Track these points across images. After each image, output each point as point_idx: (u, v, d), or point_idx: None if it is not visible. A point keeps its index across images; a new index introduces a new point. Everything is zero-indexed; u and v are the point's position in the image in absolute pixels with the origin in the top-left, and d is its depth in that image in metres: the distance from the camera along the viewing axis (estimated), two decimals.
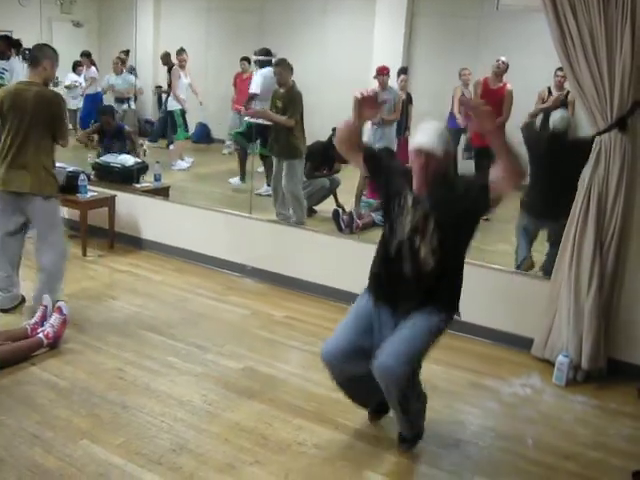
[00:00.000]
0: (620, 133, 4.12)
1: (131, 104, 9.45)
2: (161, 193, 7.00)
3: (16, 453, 3.22)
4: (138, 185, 6.98)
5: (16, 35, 8.91)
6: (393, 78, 7.86)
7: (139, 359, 4.29)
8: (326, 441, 3.51)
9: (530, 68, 6.96)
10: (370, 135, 7.96)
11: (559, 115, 5.25)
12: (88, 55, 10.01)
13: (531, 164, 5.28)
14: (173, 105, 9.57)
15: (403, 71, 8.05)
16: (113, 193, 6.57)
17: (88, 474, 3.11)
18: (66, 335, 4.45)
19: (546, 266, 5.12)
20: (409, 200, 3.20)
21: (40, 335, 4.26)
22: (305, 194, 7.42)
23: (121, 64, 9.48)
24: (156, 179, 7.26)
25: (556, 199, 4.81)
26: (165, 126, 9.76)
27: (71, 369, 4.10)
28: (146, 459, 3.25)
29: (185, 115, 9.58)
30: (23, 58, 8.37)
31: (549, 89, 6.60)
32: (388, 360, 3.09)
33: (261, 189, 8.10)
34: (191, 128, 10.27)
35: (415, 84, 8.28)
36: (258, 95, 7.95)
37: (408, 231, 3.19)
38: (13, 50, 8.18)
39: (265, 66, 8.05)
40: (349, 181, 7.66)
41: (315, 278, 5.61)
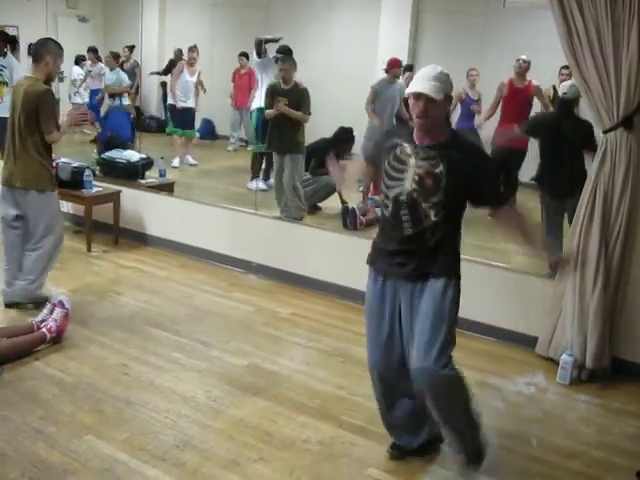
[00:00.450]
0: (626, 132, 4.11)
1: (123, 100, 9.42)
2: (166, 189, 7.01)
3: (20, 448, 3.23)
4: (143, 181, 6.99)
5: (22, 30, 8.94)
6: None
7: (144, 355, 4.30)
8: (330, 438, 3.51)
9: (537, 66, 6.94)
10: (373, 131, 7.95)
11: (569, 83, 5.26)
12: (95, 51, 10.01)
13: (542, 147, 5.41)
14: (168, 99, 9.61)
15: (409, 68, 8.04)
16: (118, 189, 6.57)
17: (92, 469, 3.11)
18: (70, 330, 4.46)
19: None
20: (408, 149, 3.03)
21: (43, 330, 4.26)
22: (309, 191, 7.43)
23: (113, 59, 9.44)
24: (161, 175, 7.28)
25: (572, 172, 4.89)
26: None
27: (75, 364, 4.11)
28: (150, 455, 3.26)
29: (177, 111, 9.52)
30: (29, 53, 8.38)
31: (554, 87, 6.59)
32: (422, 362, 2.95)
33: (250, 184, 8.08)
34: (196, 124, 10.28)
35: None
36: None
37: (410, 187, 2.99)
38: (9, 46, 8.11)
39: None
40: (353, 178, 7.66)
41: (320, 275, 5.61)
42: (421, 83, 2.96)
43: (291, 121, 6.72)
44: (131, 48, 10.28)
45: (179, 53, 9.85)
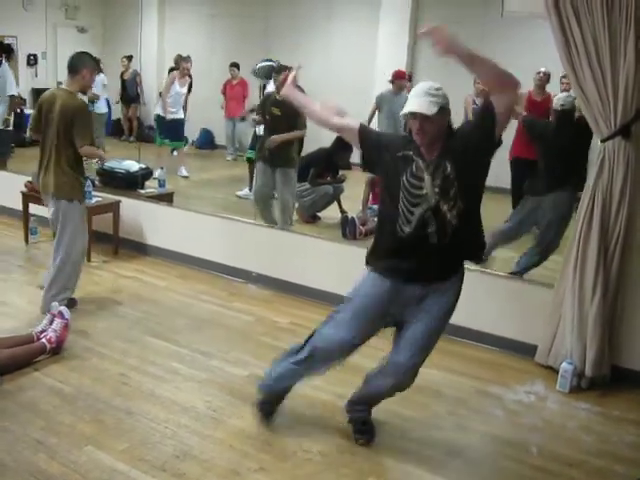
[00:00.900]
0: (624, 140, 4.12)
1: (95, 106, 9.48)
2: (165, 199, 7.02)
3: (20, 459, 3.23)
4: (142, 191, 7.00)
5: (21, 41, 8.96)
6: None
7: (143, 365, 4.29)
8: (330, 448, 3.51)
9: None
10: None
11: (564, 95, 5.28)
12: (97, 62, 10.02)
13: (541, 153, 5.46)
14: (157, 109, 9.55)
15: (408, 78, 8.06)
16: (117, 199, 6.58)
17: None
18: (70, 341, 4.46)
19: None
20: (421, 165, 3.09)
21: (43, 340, 4.26)
22: (308, 201, 7.45)
23: None
24: (160, 185, 7.29)
25: (567, 170, 4.95)
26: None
27: (75, 375, 4.11)
28: (150, 465, 3.25)
29: (165, 122, 9.44)
30: (28, 64, 8.43)
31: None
32: (406, 363, 3.32)
33: (242, 192, 8.09)
34: (195, 134, 10.30)
35: None
36: None
37: (435, 199, 3.06)
38: (4, 56, 8.12)
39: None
40: (352, 188, 7.68)
41: (319, 285, 5.60)
42: (414, 101, 3.07)
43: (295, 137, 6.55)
44: (129, 58, 10.33)
45: (180, 59, 9.86)
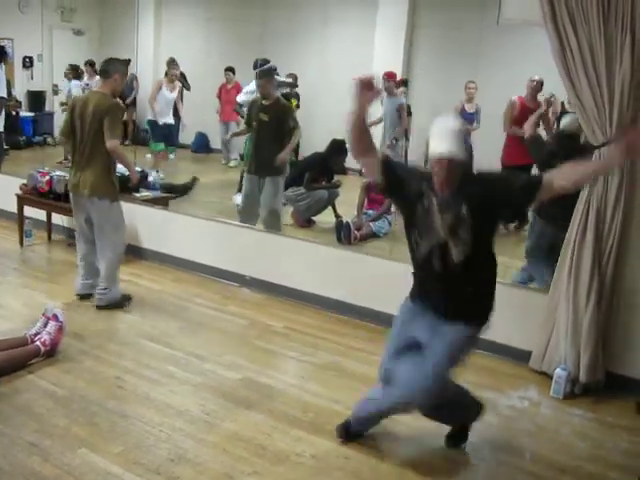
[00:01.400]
0: None
1: None
2: (160, 202, 7.00)
3: (14, 461, 3.22)
4: (138, 194, 6.98)
5: (17, 43, 8.94)
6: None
7: (138, 368, 4.29)
8: (324, 452, 3.51)
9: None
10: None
11: (570, 117, 5.28)
12: (92, 64, 10.01)
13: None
14: (148, 115, 9.50)
15: (403, 83, 8.10)
16: None
17: None
18: (65, 343, 4.45)
19: None
20: (434, 202, 3.13)
21: (37, 343, 4.25)
22: (304, 205, 7.47)
23: (72, 72, 9.57)
24: (155, 188, 7.28)
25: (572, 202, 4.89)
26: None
27: (70, 377, 4.10)
28: (144, 468, 3.25)
29: (158, 127, 9.33)
30: (24, 66, 8.41)
31: (562, 103, 6.60)
32: (419, 381, 3.24)
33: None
34: (190, 138, 10.29)
35: (415, 96, 8.32)
36: None
37: (443, 234, 3.12)
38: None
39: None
40: (348, 193, 7.70)
41: (313, 289, 5.61)
42: (443, 143, 3.04)
43: (273, 142, 6.38)
44: (127, 62, 10.30)
45: (172, 63, 9.85)
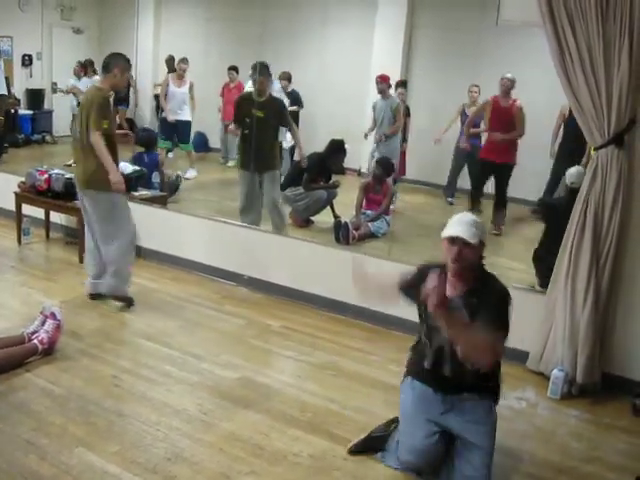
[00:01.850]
0: (617, 149, 4.15)
1: None
2: (158, 201, 7.00)
3: (11, 460, 3.22)
4: (136, 193, 6.97)
5: (16, 41, 8.93)
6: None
7: (135, 367, 4.29)
8: (322, 452, 3.51)
9: (530, 82, 7.01)
10: (374, 149, 8.07)
11: (575, 170, 5.31)
12: (91, 63, 10.03)
13: (550, 230, 5.32)
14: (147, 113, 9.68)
15: (402, 84, 8.11)
16: None
17: None
18: (62, 342, 4.45)
19: None
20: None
21: (35, 341, 4.25)
22: (302, 205, 7.47)
23: (80, 69, 9.57)
24: (155, 187, 7.28)
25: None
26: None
27: (67, 376, 4.10)
28: (141, 468, 3.25)
29: (166, 123, 9.55)
30: (23, 64, 8.40)
31: (570, 110, 6.61)
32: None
33: None
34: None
35: (414, 97, 8.33)
36: None
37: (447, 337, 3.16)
38: None
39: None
40: (346, 193, 7.70)
41: (311, 288, 5.61)
42: (456, 227, 3.09)
43: (270, 138, 6.65)
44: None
45: (170, 60, 9.87)
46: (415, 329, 4.84)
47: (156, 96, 10.60)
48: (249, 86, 7.87)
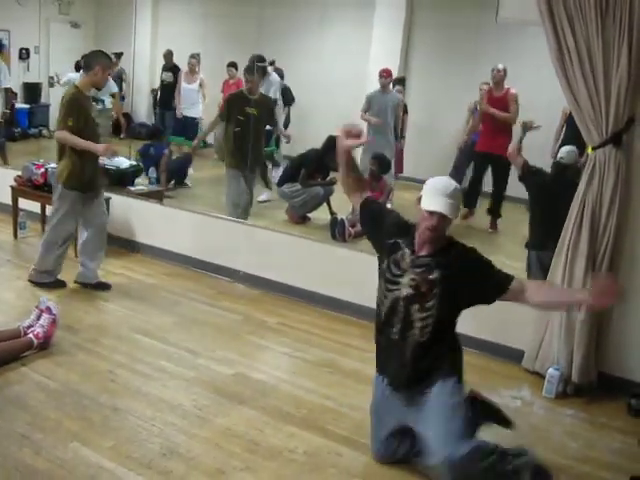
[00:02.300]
0: (615, 148, 4.15)
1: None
2: (155, 196, 6.99)
3: (6, 454, 3.20)
4: (133, 188, 6.97)
5: (14, 35, 8.92)
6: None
7: (131, 362, 4.28)
8: (317, 448, 3.51)
9: (528, 79, 7.01)
10: (370, 144, 8.04)
11: (568, 147, 5.34)
12: (111, 59, 10.03)
13: (535, 204, 5.35)
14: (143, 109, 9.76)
15: (400, 82, 8.11)
16: (107, 195, 6.53)
17: (78, 476, 3.10)
18: (57, 336, 4.43)
19: None
20: (407, 259, 3.19)
21: (30, 335, 4.24)
22: (299, 201, 7.48)
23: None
24: (151, 182, 7.27)
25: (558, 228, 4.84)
26: None
27: (62, 371, 4.09)
28: (136, 463, 3.24)
29: (176, 119, 9.67)
30: (20, 58, 8.39)
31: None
32: (445, 451, 3.03)
33: (262, 196, 8.17)
34: None
35: (411, 95, 8.33)
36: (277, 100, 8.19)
37: (406, 292, 3.18)
38: None
39: (263, 73, 8.07)
40: (342, 189, 7.68)
41: (307, 285, 5.60)
42: (438, 200, 3.07)
43: (260, 137, 6.82)
44: (118, 55, 10.30)
45: (169, 55, 9.86)
46: None
47: (153, 91, 10.60)
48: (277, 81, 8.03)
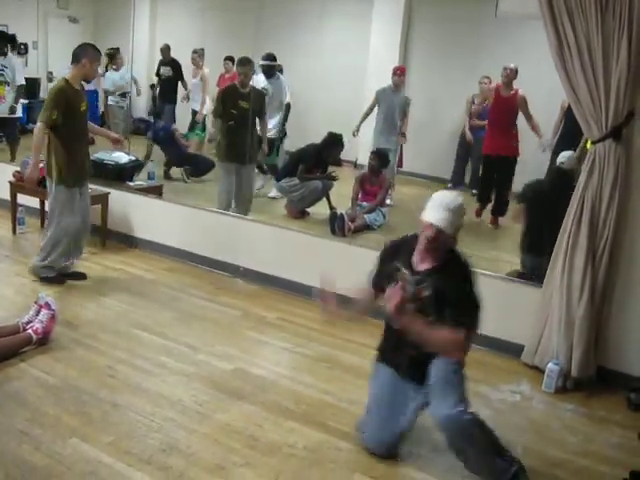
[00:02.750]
0: (614, 143, 4.15)
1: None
2: (154, 191, 6.98)
3: (4, 449, 3.20)
4: (132, 183, 6.96)
5: (12, 30, 8.88)
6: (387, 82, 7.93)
7: (130, 358, 4.28)
8: (316, 443, 3.51)
9: (528, 74, 6.99)
10: (376, 139, 8.05)
11: (569, 153, 5.39)
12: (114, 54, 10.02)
13: (531, 215, 5.41)
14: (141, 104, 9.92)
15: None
16: (107, 190, 6.54)
17: (77, 472, 3.09)
18: (57, 332, 4.43)
19: None
20: (406, 276, 3.27)
21: (29, 331, 4.23)
22: (297, 196, 7.47)
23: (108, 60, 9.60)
24: (150, 177, 7.27)
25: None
26: None
27: (61, 366, 4.08)
28: (136, 458, 3.24)
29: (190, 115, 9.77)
30: (17, 53, 8.37)
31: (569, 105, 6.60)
32: (443, 410, 3.15)
33: (272, 192, 8.18)
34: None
35: (411, 89, 8.31)
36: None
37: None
38: (9, 46, 8.11)
39: (272, 72, 8.11)
40: (342, 185, 7.69)
41: (307, 280, 5.58)
42: (436, 213, 3.15)
43: (253, 129, 6.84)
44: (115, 50, 10.28)
45: (166, 49, 9.84)
46: None
47: (152, 86, 10.57)
48: (262, 81, 8.00)
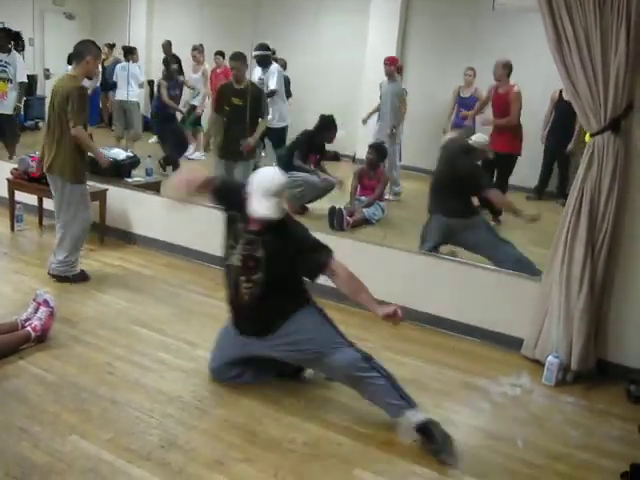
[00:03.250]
0: (613, 135, 4.13)
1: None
2: (152, 188, 6.97)
3: (4, 447, 3.20)
4: (130, 179, 6.95)
5: (8, 26, 8.83)
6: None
7: (129, 354, 4.27)
8: (316, 439, 3.50)
9: (525, 68, 6.97)
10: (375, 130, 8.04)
11: (481, 137, 5.79)
12: (130, 50, 9.99)
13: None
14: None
15: (397, 70, 8.08)
16: (104, 187, 6.53)
17: (76, 469, 3.09)
18: (55, 329, 4.42)
19: None
20: (241, 230, 3.57)
21: (28, 328, 4.22)
22: (298, 193, 7.43)
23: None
24: (148, 174, 7.25)
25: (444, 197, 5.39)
26: None
27: (60, 363, 4.07)
28: (135, 454, 3.23)
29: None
30: (15, 49, 8.33)
31: (560, 91, 6.60)
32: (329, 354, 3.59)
33: None
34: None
35: (409, 83, 8.30)
36: (277, 91, 8.01)
37: (237, 264, 3.63)
38: (12, 43, 8.10)
39: (266, 62, 8.05)
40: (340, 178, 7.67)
41: None
42: (263, 204, 3.43)
43: (249, 126, 6.78)
44: (111, 46, 10.26)
45: (167, 45, 9.81)
46: (413, 316, 4.87)
47: (150, 82, 10.54)
48: (259, 77, 7.97)
